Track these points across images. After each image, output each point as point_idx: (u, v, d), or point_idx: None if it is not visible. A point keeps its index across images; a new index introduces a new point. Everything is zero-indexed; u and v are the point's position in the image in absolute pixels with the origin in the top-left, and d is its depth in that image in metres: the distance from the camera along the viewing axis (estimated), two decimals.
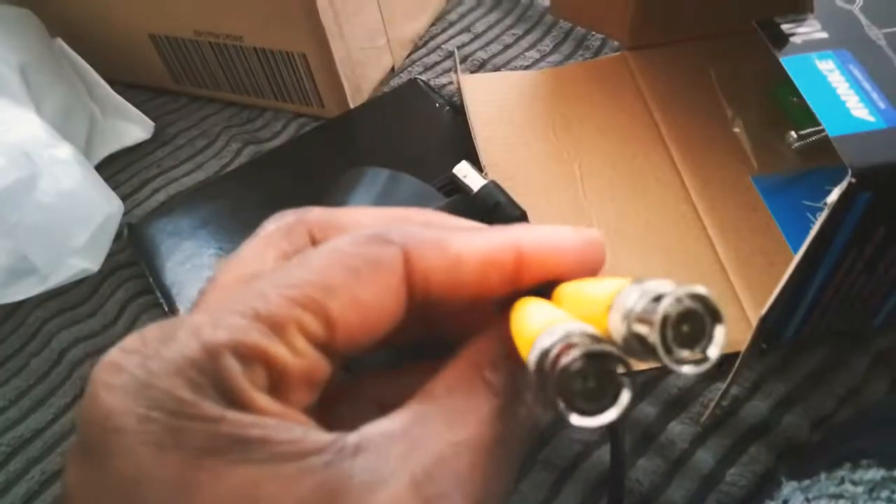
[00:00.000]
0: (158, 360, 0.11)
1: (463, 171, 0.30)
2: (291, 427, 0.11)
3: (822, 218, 0.21)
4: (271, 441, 0.11)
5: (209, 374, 0.11)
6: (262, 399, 0.11)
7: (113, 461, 0.10)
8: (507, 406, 0.12)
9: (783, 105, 0.34)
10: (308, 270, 0.13)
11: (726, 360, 0.27)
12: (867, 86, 0.23)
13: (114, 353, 0.11)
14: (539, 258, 0.14)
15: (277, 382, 0.12)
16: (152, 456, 0.10)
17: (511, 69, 0.41)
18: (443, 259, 0.13)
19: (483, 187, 0.29)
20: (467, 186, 0.30)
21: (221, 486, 0.10)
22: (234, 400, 0.11)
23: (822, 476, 0.22)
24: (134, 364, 0.11)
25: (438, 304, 0.14)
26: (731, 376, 0.24)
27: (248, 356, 0.11)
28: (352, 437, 0.11)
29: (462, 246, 0.13)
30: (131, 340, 0.12)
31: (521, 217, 0.28)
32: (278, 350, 0.12)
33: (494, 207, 0.28)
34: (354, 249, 0.13)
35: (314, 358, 0.12)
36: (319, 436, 0.11)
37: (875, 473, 0.20)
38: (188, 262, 0.32)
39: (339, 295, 0.12)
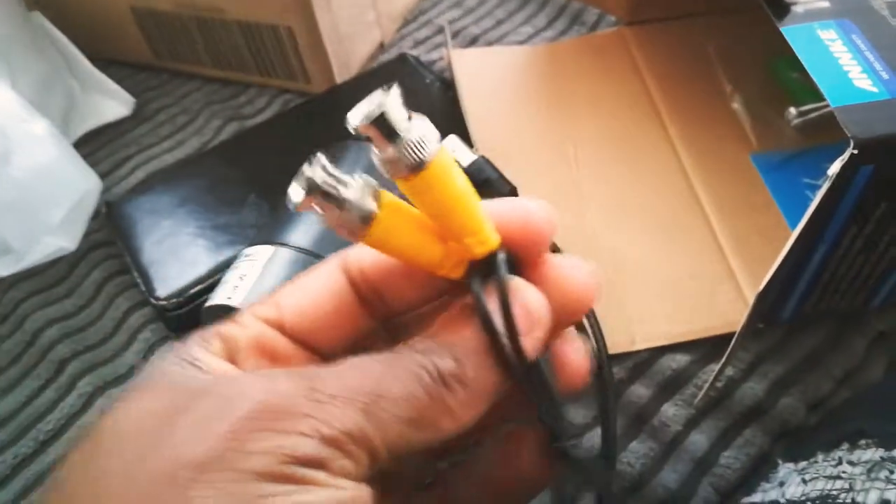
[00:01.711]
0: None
1: (451, 145, 0.29)
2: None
3: (822, 190, 0.20)
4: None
5: (180, 349, 0.14)
6: (214, 361, 0.14)
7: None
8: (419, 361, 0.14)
9: (783, 80, 0.33)
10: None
11: (722, 340, 0.27)
12: (870, 56, 0.22)
13: None
14: None
15: (231, 350, 0.15)
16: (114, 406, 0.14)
17: (504, 45, 0.40)
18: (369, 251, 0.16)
19: (473, 162, 0.28)
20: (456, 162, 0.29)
21: (143, 400, 0.13)
22: (192, 362, 0.14)
23: (820, 457, 0.21)
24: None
25: (387, 289, 0.16)
26: (726, 356, 0.23)
27: (207, 336, 0.15)
28: None
29: None
30: None
31: (512, 193, 0.27)
32: (229, 328, 0.15)
33: (484, 183, 0.27)
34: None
35: (258, 328, 0.15)
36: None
37: (874, 454, 0.20)
38: (166, 241, 0.31)
39: (284, 288, 0.16)
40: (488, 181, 0.27)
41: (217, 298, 0.24)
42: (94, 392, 0.29)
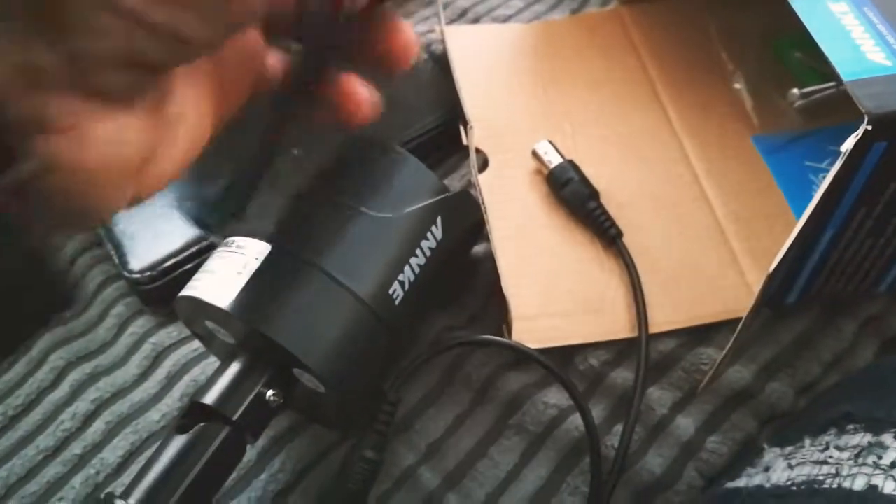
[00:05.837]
0: None
1: (543, 148, 0.30)
2: None
3: (836, 167, 0.19)
4: None
5: None
6: None
7: None
8: None
9: (786, 61, 0.32)
10: None
11: (724, 325, 0.26)
12: (883, 28, 0.21)
13: None
14: None
15: None
16: None
17: (494, 18, 0.38)
18: None
19: (559, 164, 0.29)
20: (545, 162, 0.29)
21: None
22: None
23: (807, 442, 0.20)
24: None
25: None
26: (731, 343, 0.22)
27: None
28: None
29: None
30: None
31: (593, 196, 0.28)
32: None
33: (567, 184, 0.28)
34: None
35: None
36: None
37: (861, 438, 0.19)
38: (140, 213, 0.30)
39: None
40: (571, 181, 0.28)
41: (206, 294, 0.21)
42: (65, 366, 0.28)
